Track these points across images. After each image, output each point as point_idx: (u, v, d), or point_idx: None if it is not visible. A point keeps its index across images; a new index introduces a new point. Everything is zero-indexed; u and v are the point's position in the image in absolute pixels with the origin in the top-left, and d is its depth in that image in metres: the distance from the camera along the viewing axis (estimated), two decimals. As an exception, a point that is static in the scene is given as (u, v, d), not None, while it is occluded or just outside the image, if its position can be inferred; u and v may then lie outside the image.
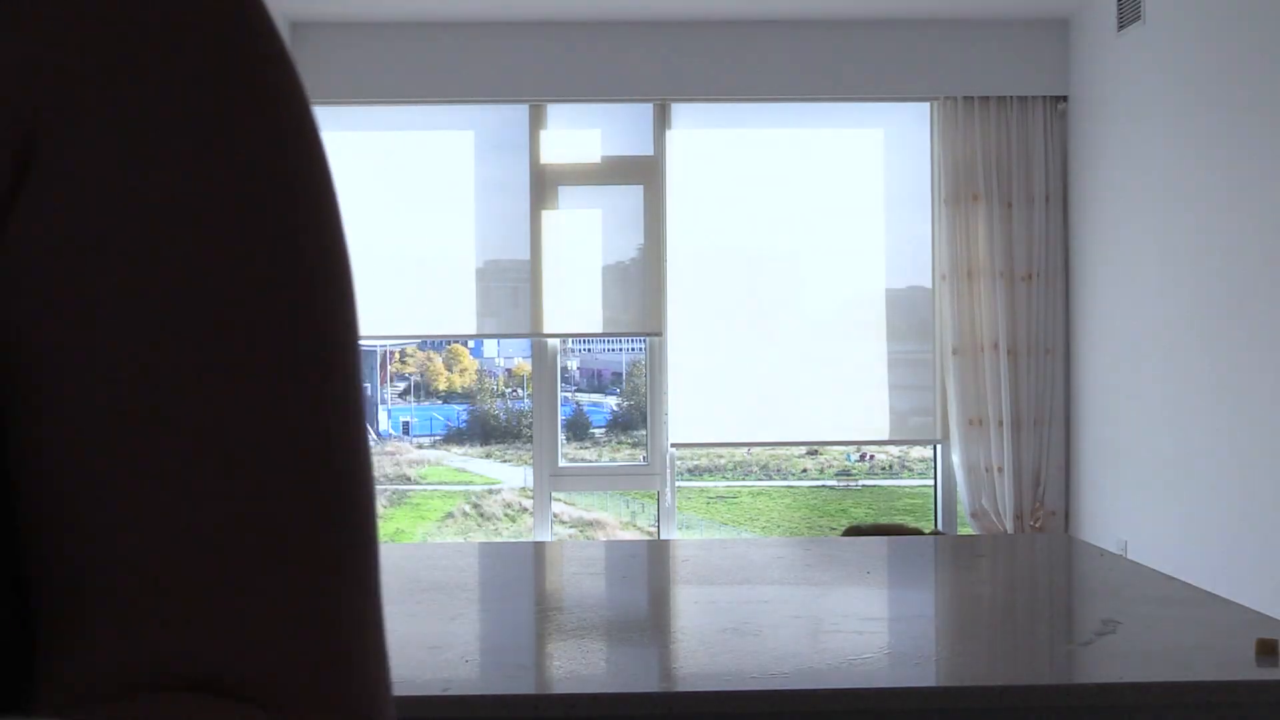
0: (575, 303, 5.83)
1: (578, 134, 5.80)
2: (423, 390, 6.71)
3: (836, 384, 5.88)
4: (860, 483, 6.57)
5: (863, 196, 5.85)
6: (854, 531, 3.26)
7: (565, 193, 5.77)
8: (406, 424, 6.70)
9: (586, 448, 6.26)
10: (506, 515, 6.35)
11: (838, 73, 5.69)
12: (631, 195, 5.78)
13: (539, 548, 3.18)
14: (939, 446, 5.86)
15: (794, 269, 5.91)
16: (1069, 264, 5.71)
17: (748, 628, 2.01)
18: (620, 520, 6.41)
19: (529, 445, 5.94)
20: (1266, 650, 1.74)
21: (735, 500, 6.70)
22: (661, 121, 5.75)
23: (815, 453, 6.54)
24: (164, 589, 0.39)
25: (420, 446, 6.62)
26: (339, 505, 0.42)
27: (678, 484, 5.94)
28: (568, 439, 6.03)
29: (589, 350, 6.48)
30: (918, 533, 2.84)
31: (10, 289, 0.40)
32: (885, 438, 5.96)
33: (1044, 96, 5.69)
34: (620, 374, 6.45)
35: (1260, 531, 4.07)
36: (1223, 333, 4.34)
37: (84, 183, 0.40)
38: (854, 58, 5.68)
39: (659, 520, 5.85)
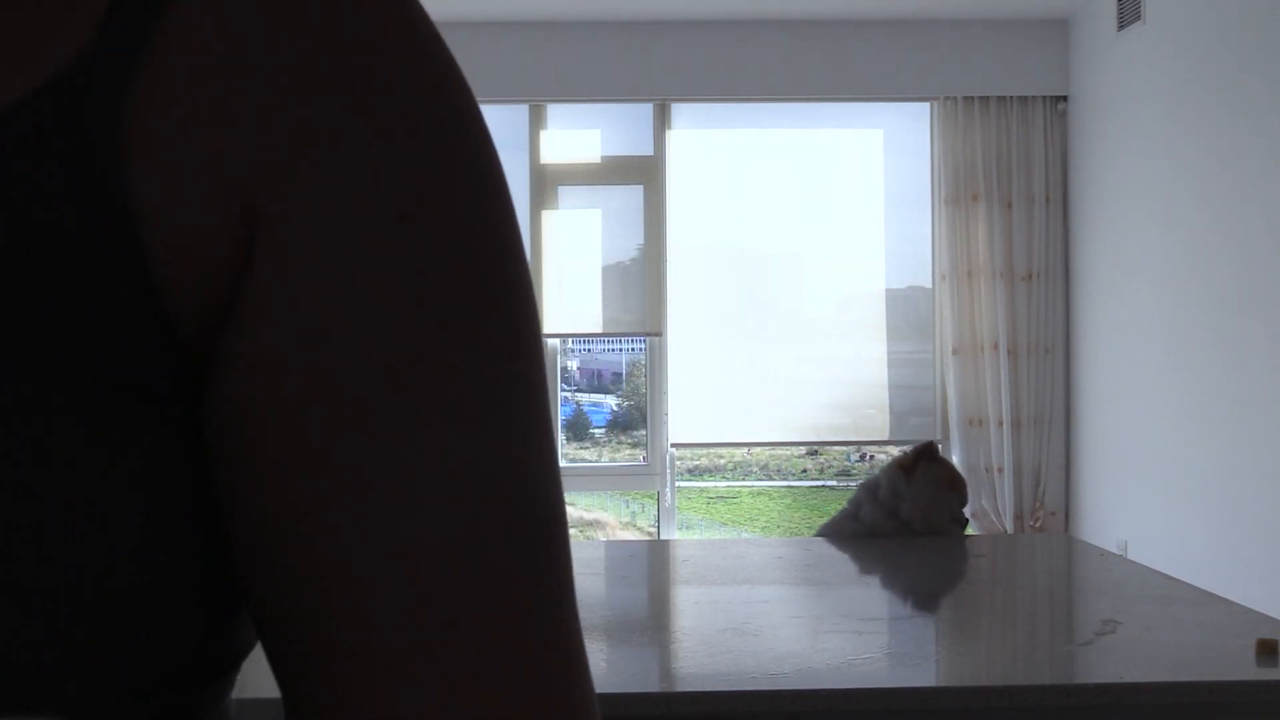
0: (575, 303, 5.83)
1: (578, 134, 5.80)
2: (423, 390, 6.70)
3: (836, 384, 5.88)
4: (860, 483, 6.57)
5: (863, 196, 5.85)
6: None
7: (565, 193, 5.77)
8: (406, 424, 6.68)
9: (586, 448, 6.27)
10: (506, 515, 6.35)
11: (838, 73, 5.69)
12: (631, 195, 5.78)
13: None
14: (939, 447, 5.86)
15: (794, 269, 5.91)
16: (1069, 264, 5.71)
17: (748, 628, 2.01)
18: (620, 520, 6.41)
19: (529, 445, 5.94)
20: (1266, 650, 1.74)
21: (735, 500, 6.70)
22: (661, 121, 5.75)
23: (815, 453, 6.55)
24: (419, 666, 0.38)
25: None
26: (566, 578, 0.42)
27: (678, 484, 5.94)
28: (568, 439, 6.03)
29: (589, 350, 6.48)
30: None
31: (248, 372, 0.39)
32: (885, 438, 5.96)
33: (1044, 96, 5.69)
34: (620, 374, 6.45)
35: (1260, 531, 4.07)
36: (1223, 332, 4.34)
37: (313, 257, 0.39)
38: (854, 58, 5.69)
39: (659, 520, 5.85)
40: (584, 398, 6.42)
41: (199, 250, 0.39)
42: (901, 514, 2.70)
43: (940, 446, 5.84)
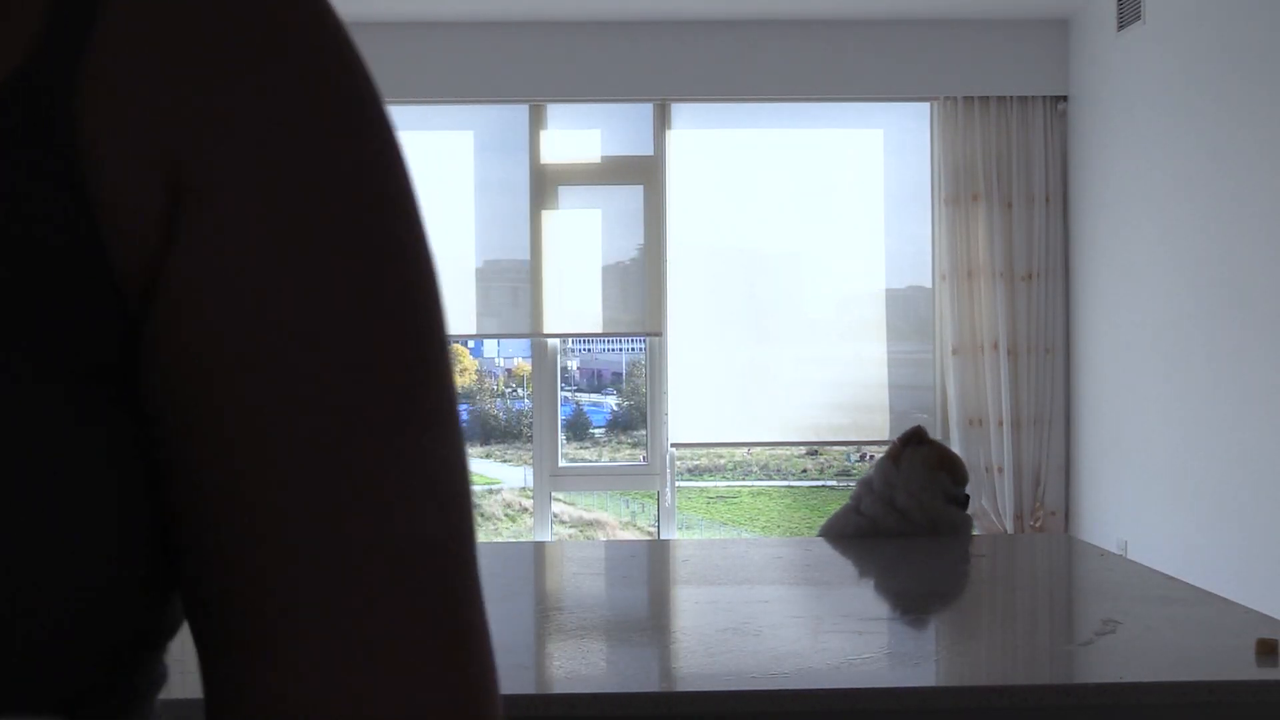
0: (575, 303, 5.83)
1: (578, 134, 5.80)
2: (423, 390, 6.70)
3: (836, 384, 5.88)
4: (860, 478, 6.57)
5: (863, 196, 5.85)
6: None
7: (565, 193, 5.77)
8: (406, 424, 6.68)
9: (586, 448, 6.27)
10: (506, 515, 6.35)
11: (838, 73, 5.69)
12: (631, 195, 5.78)
13: (539, 548, 3.18)
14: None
15: (794, 269, 5.91)
16: (1069, 264, 5.71)
17: (748, 628, 2.01)
18: (620, 520, 6.41)
19: (529, 445, 5.94)
20: (1266, 650, 1.74)
21: (735, 500, 6.70)
22: (661, 121, 5.75)
23: (815, 453, 6.54)
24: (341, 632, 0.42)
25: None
26: (471, 547, 0.46)
27: (678, 484, 5.94)
28: (568, 439, 6.03)
29: (589, 350, 6.48)
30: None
31: (177, 320, 0.43)
32: (885, 438, 5.95)
33: (1044, 96, 5.69)
34: (620, 374, 6.45)
35: (1261, 531, 4.08)
36: (1223, 332, 4.34)
37: (238, 220, 0.43)
38: (854, 58, 5.68)
39: (659, 520, 5.85)
40: (584, 398, 6.42)
41: (142, 227, 0.43)
42: (897, 503, 2.70)
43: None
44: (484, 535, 6.30)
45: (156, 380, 0.43)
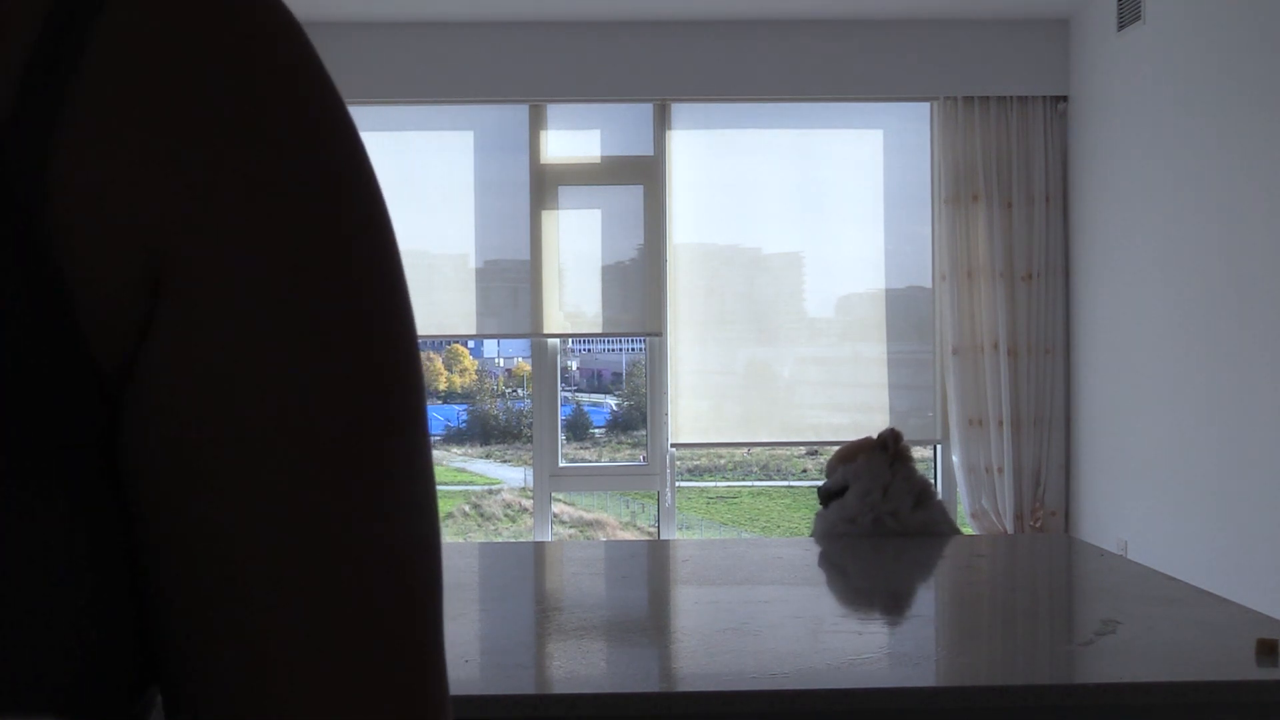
0: (575, 303, 5.83)
1: (578, 134, 5.80)
2: (423, 390, 6.70)
3: (836, 384, 5.88)
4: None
5: (863, 196, 5.85)
6: None
7: (565, 193, 5.77)
8: (406, 424, 6.69)
9: (586, 448, 6.27)
10: (506, 515, 6.35)
11: (838, 73, 5.69)
12: (631, 195, 5.78)
13: (539, 548, 3.18)
14: (939, 447, 5.85)
15: (794, 269, 5.91)
16: (1069, 264, 5.71)
17: (748, 628, 2.01)
18: (620, 520, 6.41)
19: (529, 445, 5.94)
20: (1266, 650, 1.74)
21: (735, 500, 6.70)
22: (661, 121, 5.75)
23: (815, 453, 6.54)
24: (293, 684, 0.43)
25: (420, 446, 6.61)
26: (437, 600, 0.47)
27: (678, 484, 5.94)
28: (568, 439, 6.02)
29: (589, 350, 6.48)
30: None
31: (150, 415, 0.43)
32: (885, 438, 5.96)
33: (1044, 96, 5.69)
34: (620, 374, 6.45)
35: (1260, 531, 4.08)
36: (1223, 332, 4.34)
37: (218, 311, 0.43)
38: (854, 58, 5.68)
39: (659, 520, 5.85)
40: (584, 398, 6.42)
41: (120, 300, 0.42)
42: (896, 505, 2.71)
43: (940, 446, 5.84)
44: (484, 535, 6.29)
45: (137, 447, 0.43)
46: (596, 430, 6.37)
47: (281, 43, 0.45)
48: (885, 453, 2.75)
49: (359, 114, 5.72)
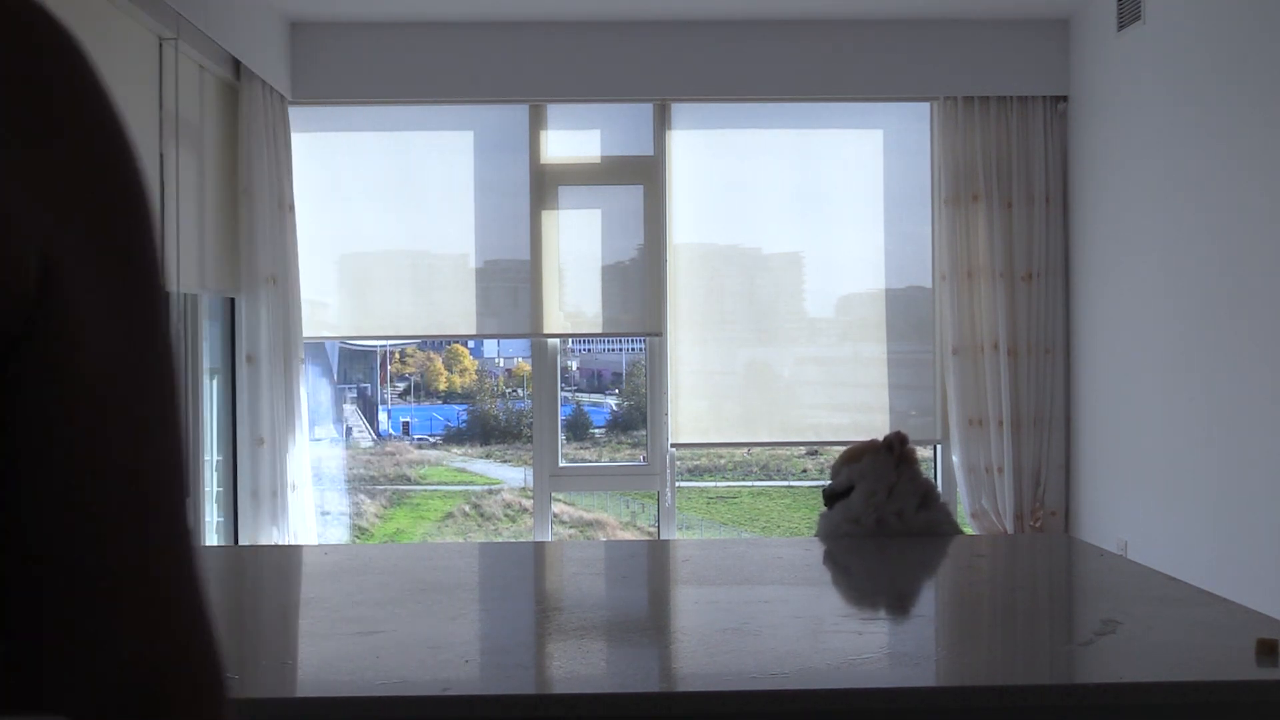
0: (575, 303, 5.83)
1: (578, 134, 5.80)
2: (423, 390, 6.71)
3: (836, 384, 5.88)
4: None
5: (863, 196, 5.85)
6: None
7: (565, 193, 5.77)
8: (406, 424, 6.70)
9: (586, 448, 6.26)
10: (506, 515, 6.35)
11: (838, 73, 5.69)
12: (631, 195, 5.78)
13: (539, 548, 3.18)
14: (939, 447, 5.86)
15: (794, 269, 5.91)
16: (1069, 264, 5.71)
17: (748, 628, 2.00)
18: (620, 520, 6.40)
19: (529, 445, 5.94)
20: (1266, 650, 1.74)
21: (735, 500, 6.70)
22: (661, 121, 5.75)
23: (815, 453, 6.54)
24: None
25: (420, 447, 6.62)
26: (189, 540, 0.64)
27: (678, 484, 5.94)
28: (568, 439, 6.02)
29: (589, 350, 6.48)
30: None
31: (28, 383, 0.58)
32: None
33: (1044, 96, 5.69)
34: (620, 374, 6.45)
35: (1259, 531, 4.07)
36: (1223, 332, 4.34)
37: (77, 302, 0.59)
38: (854, 58, 5.69)
39: (659, 520, 5.85)
40: (584, 398, 6.42)
41: (14, 289, 0.56)
42: (900, 507, 2.71)
43: (940, 446, 5.84)
44: (484, 535, 6.29)
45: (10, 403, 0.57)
46: (596, 430, 6.37)
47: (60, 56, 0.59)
48: (891, 454, 2.74)
49: (359, 114, 5.73)
